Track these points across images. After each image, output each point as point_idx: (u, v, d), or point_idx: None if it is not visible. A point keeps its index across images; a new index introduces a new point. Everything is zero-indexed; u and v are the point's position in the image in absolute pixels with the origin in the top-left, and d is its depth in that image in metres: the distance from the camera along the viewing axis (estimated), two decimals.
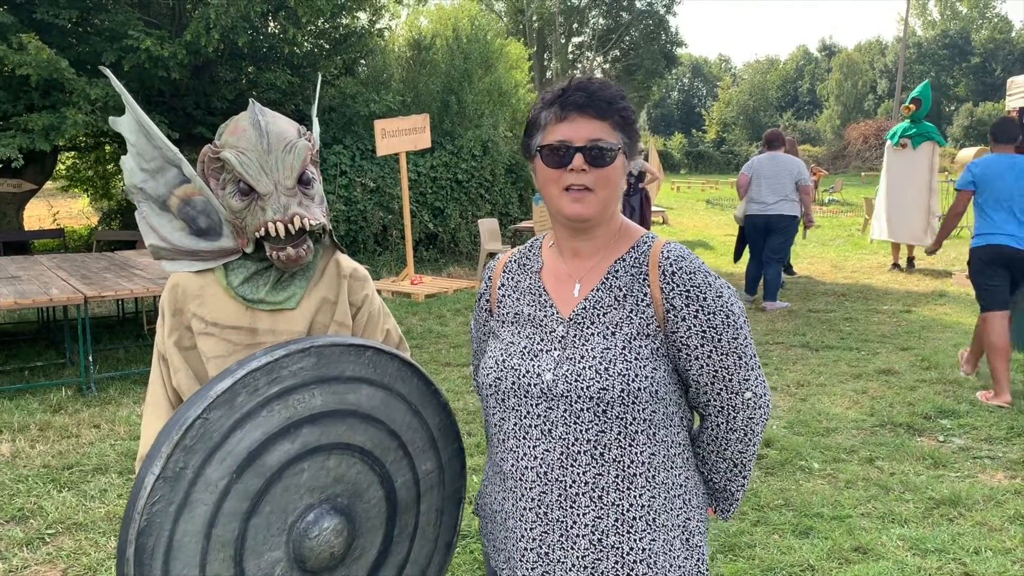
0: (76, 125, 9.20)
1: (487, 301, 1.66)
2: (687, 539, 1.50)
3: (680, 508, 1.50)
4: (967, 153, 13.59)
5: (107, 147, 14.08)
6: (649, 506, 1.45)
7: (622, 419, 1.43)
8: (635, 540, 1.44)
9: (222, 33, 9.89)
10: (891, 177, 10.82)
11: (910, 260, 11.20)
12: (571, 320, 1.50)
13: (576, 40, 41.56)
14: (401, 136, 9.87)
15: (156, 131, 1.74)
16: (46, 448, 4.70)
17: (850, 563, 3.31)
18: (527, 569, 1.48)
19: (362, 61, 13.98)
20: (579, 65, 41.58)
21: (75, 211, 17.66)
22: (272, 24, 12.01)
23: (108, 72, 1.82)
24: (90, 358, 5.81)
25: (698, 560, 1.51)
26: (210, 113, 11.48)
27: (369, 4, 12.73)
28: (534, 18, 37.25)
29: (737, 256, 9.45)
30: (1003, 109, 12.29)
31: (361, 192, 11.65)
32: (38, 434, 4.94)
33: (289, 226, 1.64)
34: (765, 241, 8.51)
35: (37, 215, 16.38)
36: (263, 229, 1.65)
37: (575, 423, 1.44)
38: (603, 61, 42.24)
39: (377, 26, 13.47)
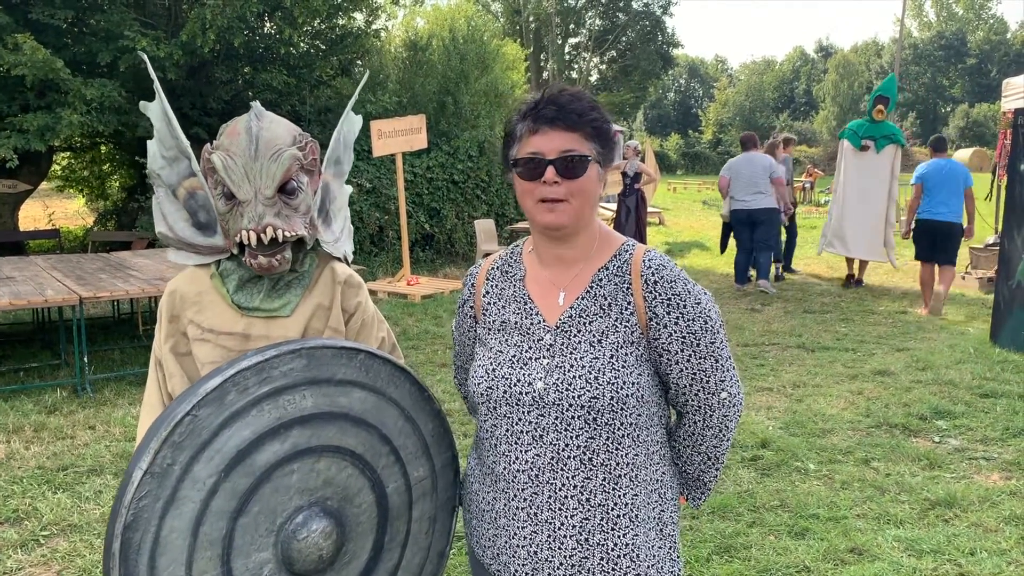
0: (71, 125, 9.18)
1: (471, 308, 1.70)
2: (661, 529, 1.58)
3: (656, 502, 1.57)
4: (963, 154, 13.43)
5: (103, 147, 14.04)
6: (632, 504, 1.53)
7: (610, 425, 1.49)
8: (619, 536, 1.52)
9: (218, 34, 9.87)
10: (852, 184, 9.50)
11: (857, 277, 9.96)
12: (558, 328, 1.54)
13: (572, 41, 41.59)
14: (397, 137, 9.86)
15: (175, 121, 1.78)
16: (41, 449, 4.68)
17: (846, 564, 3.32)
18: (517, 566, 1.55)
19: (358, 62, 13.97)
20: (575, 66, 41.60)
21: (71, 212, 17.62)
22: (268, 25, 12.00)
23: (144, 57, 1.88)
24: (85, 359, 5.80)
25: (670, 548, 1.60)
26: (206, 114, 11.45)
27: (365, 5, 12.73)
28: (531, 19, 37.28)
29: (723, 249, 10.51)
30: (999, 110, 12.17)
31: (357, 193, 11.63)
32: (33, 435, 4.93)
33: (261, 236, 1.64)
34: (752, 233, 9.44)
35: (32, 215, 16.33)
36: (239, 236, 1.67)
37: (566, 430, 1.50)
38: (599, 62, 42.27)
39: (373, 27, 13.47)
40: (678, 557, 1.62)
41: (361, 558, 1.65)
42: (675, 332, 1.50)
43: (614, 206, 12.32)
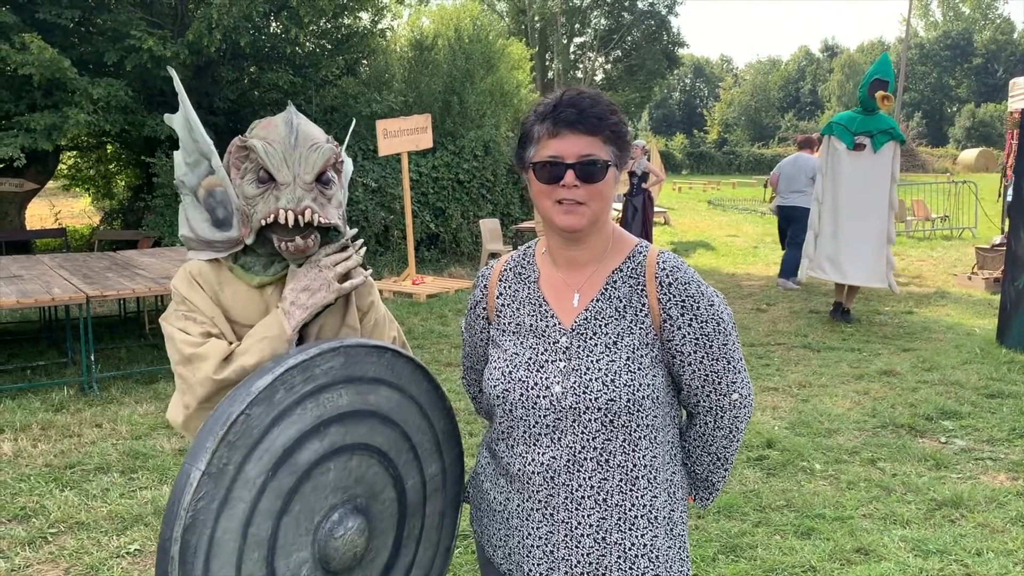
0: (78, 125, 9.20)
1: (484, 309, 1.69)
2: (671, 529, 1.59)
3: (666, 501, 1.58)
4: (969, 154, 13.24)
5: (109, 147, 14.08)
6: (650, 505, 1.53)
7: (627, 427, 1.50)
8: (637, 536, 1.52)
9: (224, 33, 9.89)
10: (845, 193, 7.57)
11: (847, 306, 8.05)
12: (573, 331, 1.54)
13: (578, 40, 41.55)
14: (403, 136, 9.87)
15: (198, 126, 1.81)
16: (48, 447, 4.70)
17: (852, 564, 3.31)
18: (533, 565, 1.55)
19: (364, 61, 13.98)
20: (581, 65, 41.57)
21: (77, 210, 17.66)
22: (274, 24, 12.02)
23: (173, 72, 1.93)
24: (92, 357, 5.82)
25: (680, 548, 1.61)
26: (212, 113, 11.48)
27: (371, 4, 12.73)
28: (536, 18, 37.24)
29: (782, 245, 10.72)
30: (1005, 110, 12.00)
31: (363, 192, 11.65)
32: (40, 433, 4.95)
33: (300, 217, 1.66)
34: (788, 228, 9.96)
35: (39, 214, 16.38)
36: (272, 216, 1.67)
37: (583, 432, 1.50)
38: (605, 61, 42.23)
39: (379, 26, 13.48)
40: (687, 557, 1.62)
41: (383, 555, 1.65)
42: (689, 334, 1.51)
43: (619, 205, 12.32)
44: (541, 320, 1.57)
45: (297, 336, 1.68)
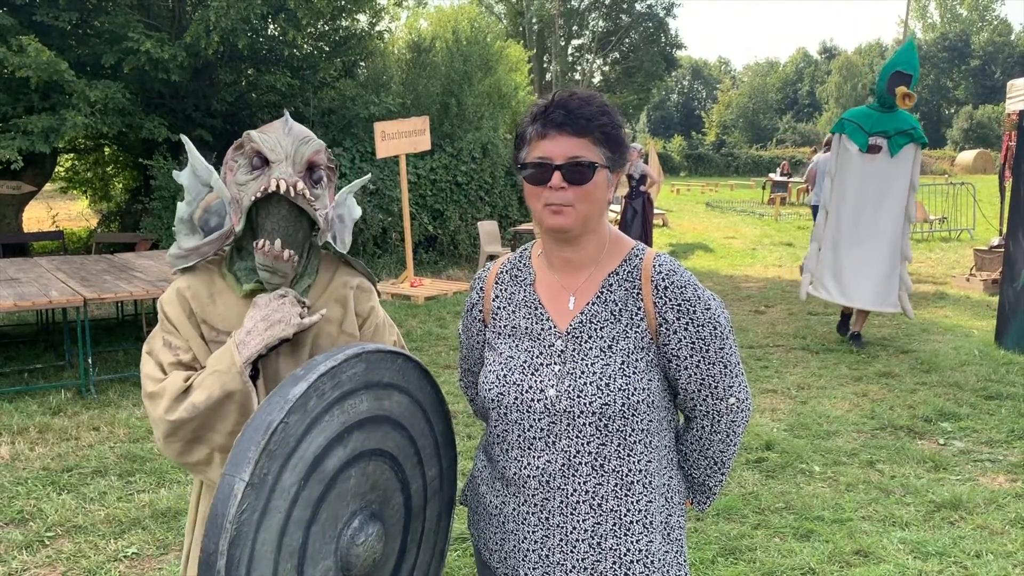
0: (75, 127, 9.20)
1: (480, 312, 1.69)
2: (668, 533, 1.58)
3: (662, 506, 1.57)
4: (967, 156, 13.17)
5: (106, 149, 14.08)
6: (645, 510, 1.53)
7: (622, 431, 1.49)
8: (632, 542, 1.52)
9: (222, 35, 9.89)
10: (854, 202, 6.58)
11: (856, 329, 7.06)
12: (568, 334, 1.54)
13: (576, 42, 41.57)
14: (401, 138, 9.87)
15: (200, 161, 1.82)
16: (45, 450, 4.69)
17: (851, 566, 3.31)
18: (528, 569, 1.55)
19: (362, 63, 14.00)
20: (579, 67, 41.60)
21: (74, 213, 17.66)
22: (272, 26, 12.02)
23: (186, 140, 1.95)
24: (89, 360, 5.81)
25: (677, 552, 1.60)
26: (210, 115, 11.48)
27: (369, 6, 12.75)
28: (534, 20, 37.28)
29: None
30: (1003, 112, 11.96)
31: (361, 194, 11.65)
32: (37, 436, 4.93)
33: (291, 188, 1.63)
34: None
35: (36, 217, 16.36)
36: (264, 189, 1.64)
37: (577, 436, 1.50)
38: (603, 63, 42.26)
39: (377, 28, 13.49)
40: (684, 562, 1.62)
41: (392, 559, 1.65)
42: (684, 338, 1.50)
43: (618, 207, 12.33)
44: (536, 323, 1.57)
45: (251, 367, 1.64)
